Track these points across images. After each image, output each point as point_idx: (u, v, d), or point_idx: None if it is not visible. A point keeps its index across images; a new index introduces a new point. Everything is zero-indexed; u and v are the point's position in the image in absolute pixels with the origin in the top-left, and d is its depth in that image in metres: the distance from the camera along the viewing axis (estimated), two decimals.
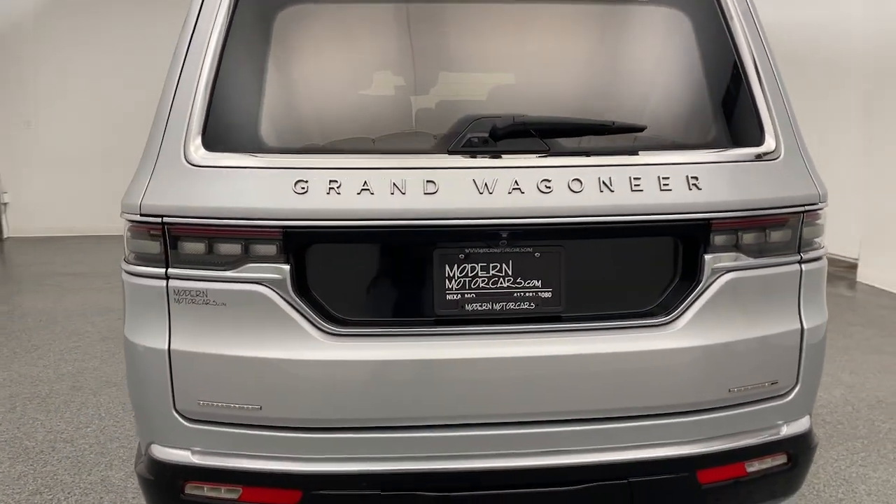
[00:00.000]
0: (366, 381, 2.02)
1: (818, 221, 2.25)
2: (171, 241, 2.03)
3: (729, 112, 2.21)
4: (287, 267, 1.99)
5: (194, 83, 2.07)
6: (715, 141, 2.18)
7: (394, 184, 1.99)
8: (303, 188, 1.98)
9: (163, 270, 2.05)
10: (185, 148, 2.03)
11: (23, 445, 3.87)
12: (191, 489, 2.12)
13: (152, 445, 2.15)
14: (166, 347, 2.05)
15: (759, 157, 2.16)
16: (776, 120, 2.20)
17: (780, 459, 2.27)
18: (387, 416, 2.05)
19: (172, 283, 2.04)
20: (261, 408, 2.03)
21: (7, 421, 4.20)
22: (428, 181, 2.00)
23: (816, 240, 2.26)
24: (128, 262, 2.13)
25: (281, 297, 2.01)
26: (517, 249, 2.06)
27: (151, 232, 2.04)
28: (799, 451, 2.28)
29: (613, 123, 2.09)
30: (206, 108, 2.05)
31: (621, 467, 2.09)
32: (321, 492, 2.05)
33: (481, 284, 2.07)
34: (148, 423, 2.15)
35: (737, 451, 2.18)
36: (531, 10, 2.19)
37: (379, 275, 2.08)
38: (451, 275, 2.06)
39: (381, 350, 2.03)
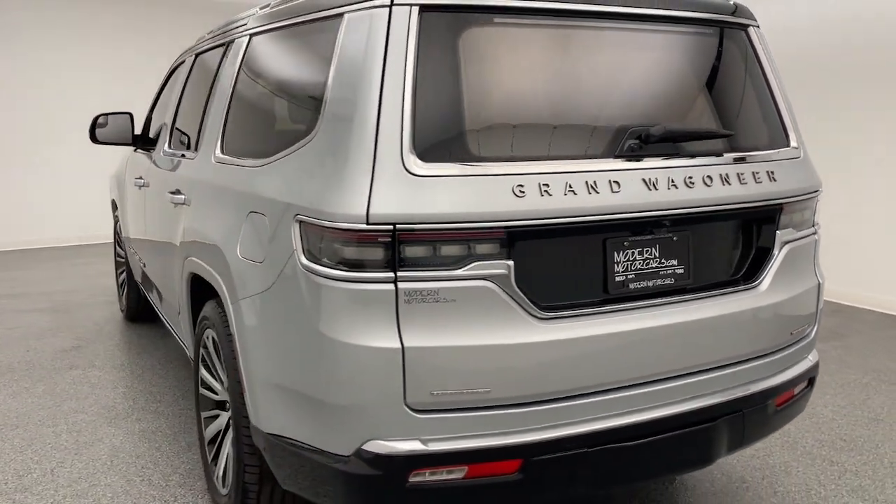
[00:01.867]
0: (571, 356, 2.34)
1: (818, 203, 3.02)
2: (400, 246, 2.17)
3: (771, 121, 2.88)
4: (511, 262, 2.25)
5: (399, 102, 2.23)
6: (767, 143, 2.83)
7: (588, 185, 2.34)
8: (521, 192, 2.25)
9: (390, 274, 2.18)
10: (404, 160, 2.19)
11: None
12: (414, 477, 2.27)
13: (370, 442, 2.25)
14: (399, 346, 2.18)
15: (793, 155, 2.86)
16: (795, 126, 2.92)
17: (804, 383, 3.00)
18: (587, 384, 2.38)
19: (402, 285, 2.18)
20: (490, 390, 2.26)
21: None
22: (613, 181, 2.38)
23: (815, 216, 3.02)
24: (331, 268, 2.21)
25: (502, 289, 2.25)
26: (662, 235, 2.53)
27: (379, 239, 2.16)
28: (814, 375, 3.04)
29: (719, 131, 2.66)
30: (413, 124, 2.22)
31: (739, 402, 2.65)
32: (538, 457, 2.33)
33: (638, 266, 2.50)
34: (366, 420, 2.24)
35: (793, 379, 2.86)
36: (649, 38, 2.65)
37: (567, 263, 2.40)
38: (619, 260, 2.46)
39: (578, 329, 2.36)
